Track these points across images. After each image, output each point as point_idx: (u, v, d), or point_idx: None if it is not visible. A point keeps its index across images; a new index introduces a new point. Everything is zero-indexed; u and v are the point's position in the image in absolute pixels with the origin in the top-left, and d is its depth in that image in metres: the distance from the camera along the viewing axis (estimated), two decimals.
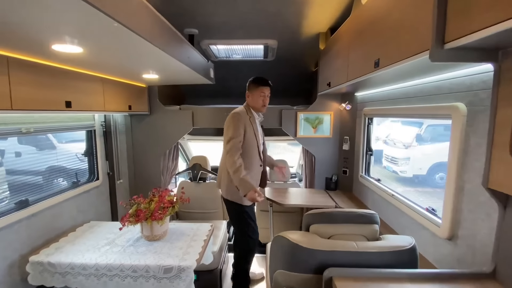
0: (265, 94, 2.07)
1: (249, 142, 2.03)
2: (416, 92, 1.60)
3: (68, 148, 2.52)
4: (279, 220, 3.07)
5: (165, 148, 2.83)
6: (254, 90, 2.07)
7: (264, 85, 2.06)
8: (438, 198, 4.83)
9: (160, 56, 1.43)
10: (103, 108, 1.99)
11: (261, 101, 2.06)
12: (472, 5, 0.76)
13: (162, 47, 1.32)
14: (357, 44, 1.62)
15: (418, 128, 5.48)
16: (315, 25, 2.47)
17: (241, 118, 1.99)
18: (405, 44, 1.09)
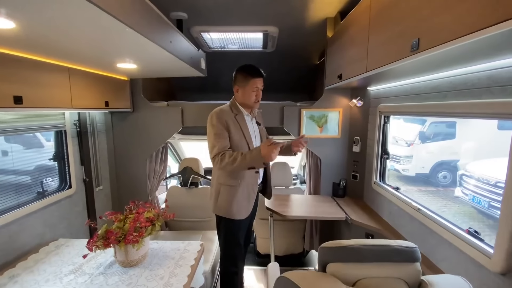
0: (259, 87, 1.70)
1: (237, 145, 1.68)
2: (455, 84, 1.28)
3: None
4: (281, 229, 2.76)
5: (151, 149, 2.49)
6: (244, 84, 1.68)
7: (257, 76, 1.68)
8: (442, 198, 4.56)
9: (130, 37, 1.09)
10: (69, 105, 1.64)
11: (254, 97, 1.70)
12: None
13: (131, 23, 0.99)
14: (382, 24, 1.29)
15: (421, 126, 5.28)
16: (322, 9, 2.13)
17: (222, 118, 1.64)
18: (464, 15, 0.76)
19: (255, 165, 1.57)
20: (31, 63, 1.39)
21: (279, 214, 2.08)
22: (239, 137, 1.68)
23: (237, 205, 1.73)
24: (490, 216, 2.94)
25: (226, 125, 1.64)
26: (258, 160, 1.52)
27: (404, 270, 0.87)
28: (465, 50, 0.91)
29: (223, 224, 1.80)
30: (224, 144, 1.63)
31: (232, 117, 1.69)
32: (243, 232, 1.85)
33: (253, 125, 1.82)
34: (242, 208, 1.75)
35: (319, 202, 2.35)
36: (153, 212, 1.51)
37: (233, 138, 1.67)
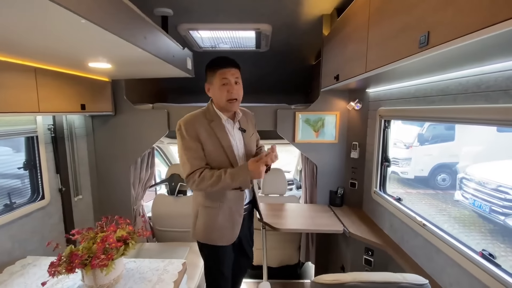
0: (230, 80, 1.33)
1: (213, 158, 1.38)
2: (467, 86, 1.12)
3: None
4: (275, 239, 2.60)
5: (135, 155, 2.33)
6: (212, 78, 1.37)
7: (225, 66, 1.33)
8: (441, 201, 4.45)
9: (91, 31, 0.93)
10: (35, 109, 1.48)
11: (225, 92, 1.33)
12: None
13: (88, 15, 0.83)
14: (384, 17, 1.13)
15: (419, 128, 5.20)
16: (317, 5, 1.98)
17: (191, 127, 1.35)
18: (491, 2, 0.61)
19: (242, 184, 1.32)
20: None
21: (272, 227, 1.92)
22: (214, 148, 1.37)
23: (218, 230, 1.45)
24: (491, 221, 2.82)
25: (197, 136, 1.34)
26: (246, 179, 1.29)
27: None
28: (484, 46, 0.75)
29: (204, 252, 1.55)
30: (198, 160, 1.36)
31: (206, 124, 1.37)
32: (229, 260, 1.56)
33: (237, 133, 1.47)
34: (225, 233, 1.47)
35: (315, 212, 2.19)
36: (127, 229, 1.34)
37: (207, 150, 1.37)
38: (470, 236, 2.60)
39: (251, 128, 1.58)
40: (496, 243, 2.52)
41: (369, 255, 1.80)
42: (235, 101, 1.37)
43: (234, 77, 1.35)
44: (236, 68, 1.37)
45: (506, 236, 2.53)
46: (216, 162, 1.39)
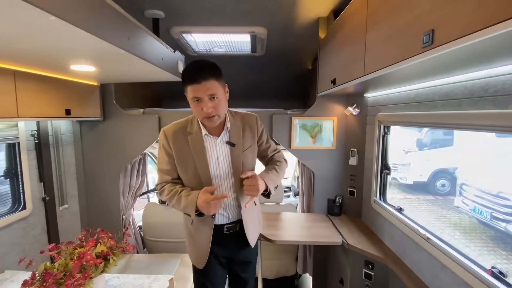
0: (201, 97, 1.11)
1: (184, 174, 1.27)
2: (473, 90, 1.05)
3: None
4: (271, 250, 2.50)
5: (125, 162, 2.23)
6: (186, 92, 1.17)
7: (194, 81, 1.09)
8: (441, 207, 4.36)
9: (65, 30, 0.86)
10: (14, 114, 1.39)
11: (199, 109, 1.13)
12: None
13: (57, 11, 0.75)
14: (383, 17, 1.06)
15: (418, 133, 5.16)
16: (313, 8, 1.93)
17: (167, 137, 1.25)
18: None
19: (189, 212, 1.20)
20: None
21: (267, 239, 1.82)
22: (186, 165, 1.24)
23: (192, 247, 1.36)
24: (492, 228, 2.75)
25: (171, 149, 1.24)
26: (191, 209, 1.16)
27: None
28: (495, 43, 0.68)
29: (193, 271, 1.45)
30: (166, 175, 1.28)
31: (184, 136, 1.24)
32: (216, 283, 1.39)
33: (220, 148, 1.27)
34: (198, 254, 1.33)
35: (313, 222, 2.09)
36: (108, 244, 1.24)
37: (180, 165, 1.26)
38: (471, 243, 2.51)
39: (248, 139, 1.32)
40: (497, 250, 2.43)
41: (369, 269, 1.70)
42: (214, 118, 1.15)
43: (208, 94, 1.10)
44: (211, 79, 1.10)
45: (507, 244, 2.46)
46: (188, 180, 1.28)
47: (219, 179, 1.27)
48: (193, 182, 1.26)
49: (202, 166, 1.24)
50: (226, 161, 1.28)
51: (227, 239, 1.34)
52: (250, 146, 1.32)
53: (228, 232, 1.34)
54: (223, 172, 1.27)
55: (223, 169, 1.27)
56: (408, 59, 0.86)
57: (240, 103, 2.55)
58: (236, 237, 1.36)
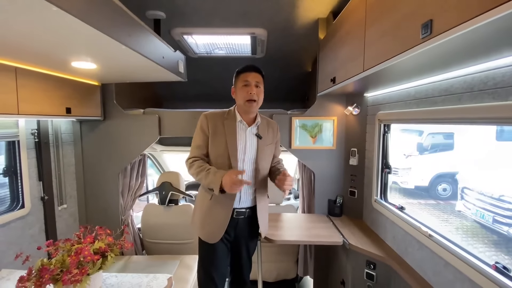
0: (250, 82, 1.44)
1: (215, 152, 1.49)
2: (473, 84, 1.05)
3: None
4: (271, 252, 2.47)
5: (124, 162, 2.23)
6: (236, 82, 1.50)
7: (248, 70, 1.46)
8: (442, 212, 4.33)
9: (68, 23, 0.86)
10: (14, 111, 1.39)
11: (245, 92, 1.43)
12: None
13: (68, 8, 0.77)
14: (382, 11, 1.07)
15: (419, 137, 5.16)
16: (312, 9, 1.95)
17: (207, 119, 1.49)
18: None
19: (213, 187, 1.37)
20: None
21: (268, 239, 1.80)
22: (219, 144, 1.46)
23: (205, 224, 1.51)
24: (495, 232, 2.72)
25: (208, 128, 1.48)
26: (216, 185, 1.34)
27: None
28: (493, 31, 0.68)
29: (199, 244, 1.58)
30: (198, 150, 1.50)
31: (221, 120, 1.49)
32: (215, 263, 1.53)
33: (248, 136, 1.51)
34: (211, 230, 1.50)
35: (313, 223, 2.07)
36: (106, 241, 1.23)
37: (212, 143, 1.48)
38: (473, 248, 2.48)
39: (270, 137, 1.59)
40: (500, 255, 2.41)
41: (371, 269, 1.67)
42: (253, 102, 1.44)
43: (255, 80, 1.45)
44: (258, 73, 1.47)
45: (510, 248, 2.43)
46: (216, 157, 1.48)
47: (243, 163, 1.48)
48: (222, 158, 1.45)
49: (232, 145, 1.45)
50: (252, 149, 1.50)
51: (238, 223, 1.53)
52: (270, 144, 1.59)
53: (237, 217, 1.52)
54: (247, 158, 1.49)
55: (248, 155, 1.49)
56: (407, 51, 0.86)
57: None
58: (249, 224, 1.57)
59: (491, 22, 0.60)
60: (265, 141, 1.54)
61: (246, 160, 1.49)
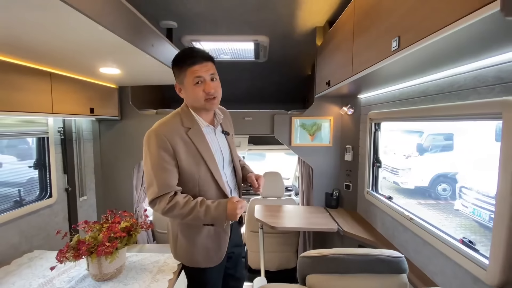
0: (204, 76, 1.10)
1: (193, 176, 1.16)
2: (443, 87, 1.24)
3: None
4: (273, 242, 2.65)
5: (138, 158, 2.43)
6: (183, 78, 1.13)
7: (196, 61, 1.09)
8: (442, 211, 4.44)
9: (106, 37, 1.07)
10: (49, 110, 1.60)
11: (201, 93, 1.11)
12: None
13: (105, 23, 0.97)
14: (365, 28, 1.27)
15: (419, 137, 5.27)
16: (310, 18, 2.15)
17: (164, 139, 1.10)
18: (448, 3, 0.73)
19: (215, 223, 1.16)
20: (8, 65, 1.36)
21: (268, 225, 1.99)
22: (194, 162, 1.14)
23: (204, 250, 1.24)
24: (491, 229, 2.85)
25: (172, 149, 1.10)
26: (221, 218, 1.12)
27: (388, 282, 0.79)
28: (447, 46, 0.87)
29: (188, 275, 1.36)
30: (167, 182, 1.10)
31: (183, 133, 1.14)
32: (219, 280, 1.35)
33: (219, 138, 1.26)
34: (212, 253, 1.25)
35: (311, 213, 2.26)
36: (130, 221, 1.43)
37: (185, 166, 1.13)
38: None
39: (231, 128, 1.37)
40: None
41: None
42: (214, 100, 1.14)
43: (209, 73, 1.11)
44: (210, 62, 1.13)
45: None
46: (195, 180, 1.17)
47: (224, 169, 1.26)
48: (203, 180, 1.17)
49: (211, 160, 1.17)
50: (225, 150, 1.28)
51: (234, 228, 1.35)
52: (234, 136, 1.40)
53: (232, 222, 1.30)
54: (225, 163, 1.27)
55: (225, 159, 1.27)
56: (383, 60, 1.06)
57: (244, 106, 2.77)
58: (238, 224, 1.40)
59: (440, 40, 0.79)
60: (231, 135, 1.34)
61: (225, 165, 1.27)
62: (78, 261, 1.32)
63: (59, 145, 2.03)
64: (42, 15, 0.86)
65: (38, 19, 0.88)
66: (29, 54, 1.31)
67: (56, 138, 2.00)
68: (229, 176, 1.30)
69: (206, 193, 1.20)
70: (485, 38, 0.77)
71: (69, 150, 2.10)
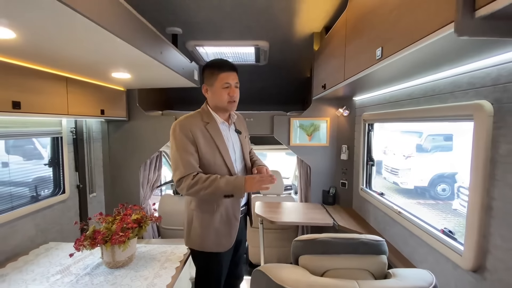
0: (231, 83, 1.35)
1: (209, 162, 1.35)
2: (426, 90, 1.36)
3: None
4: (272, 238, 2.77)
5: (145, 157, 2.56)
6: (212, 81, 1.37)
7: (227, 69, 1.36)
8: (441, 211, 4.52)
9: (121, 48, 1.19)
10: (65, 112, 1.73)
11: (226, 95, 1.35)
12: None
13: (121, 34, 1.09)
14: (356, 36, 1.39)
15: (418, 138, 5.33)
16: (308, 24, 2.27)
17: (187, 128, 1.32)
18: (417, 22, 0.86)
19: (235, 191, 1.29)
20: (29, 71, 1.49)
21: (268, 220, 2.11)
22: (211, 151, 1.35)
23: (215, 234, 1.39)
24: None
25: (193, 138, 1.32)
26: (240, 186, 1.28)
27: (370, 262, 0.91)
28: (422, 56, 1.00)
29: (198, 260, 1.47)
30: (191, 163, 1.30)
31: (202, 126, 1.36)
32: (226, 268, 1.48)
33: (232, 135, 1.47)
34: (222, 238, 1.40)
35: (309, 209, 2.38)
36: (140, 214, 1.56)
37: (203, 153, 1.33)
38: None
39: (244, 130, 1.59)
40: None
41: None
42: (234, 103, 1.40)
43: (235, 81, 1.38)
44: (235, 72, 1.41)
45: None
46: (211, 166, 1.36)
47: (236, 163, 1.44)
48: (216, 165, 1.36)
49: (223, 149, 1.37)
50: (238, 146, 1.48)
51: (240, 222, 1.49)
52: (247, 136, 1.60)
53: (241, 215, 1.49)
54: (237, 157, 1.45)
55: (237, 154, 1.46)
56: (369, 68, 1.18)
57: (245, 107, 2.89)
58: (243, 220, 1.58)
59: (415, 51, 0.91)
60: (243, 134, 1.53)
61: (237, 159, 1.45)
62: (92, 251, 1.46)
63: (71, 145, 2.16)
64: (71, 32, 0.99)
65: (68, 35, 1.02)
66: (51, 62, 1.45)
67: (68, 138, 2.13)
68: (240, 171, 1.46)
69: None
70: (452, 51, 0.89)
71: (80, 149, 2.24)
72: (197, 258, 1.48)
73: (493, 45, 0.83)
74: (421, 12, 0.83)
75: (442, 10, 0.71)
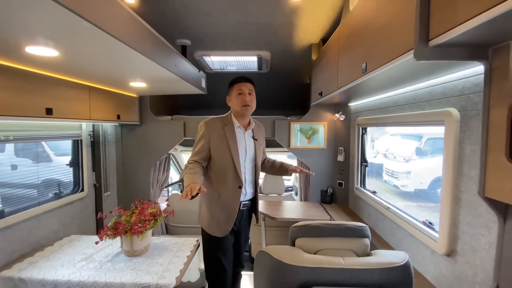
0: (244, 90, 1.63)
1: (219, 157, 1.62)
2: (408, 99, 1.55)
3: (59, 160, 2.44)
4: (274, 235, 2.93)
5: (155, 159, 2.75)
6: (231, 91, 1.69)
7: (240, 80, 1.66)
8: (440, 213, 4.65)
9: (142, 62, 1.39)
10: (88, 117, 1.94)
11: (240, 100, 1.62)
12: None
13: (142, 51, 1.29)
14: (346, 51, 1.59)
15: (418, 142, 5.45)
16: (306, 36, 2.47)
17: (208, 126, 1.63)
18: (391, 46, 1.05)
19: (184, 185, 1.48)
20: (57, 81, 1.69)
21: (270, 217, 2.29)
22: (222, 148, 1.61)
23: (214, 220, 1.64)
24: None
25: (209, 135, 1.61)
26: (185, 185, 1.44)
27: (354, 243, 1.08)
28: (399, 71, 1.18)
29: (204, 240, 1.72)
30: (197, 154, 1.61)
31: (220, 127, 1.64)
32: (225, 253, 1.68)
33: (246, 139, 1.70)
34: (220, 224, 1.64)
35: (307, 208, 2.55)
36: (155, 208, 1.74)
37: (215, 149, 1.61)
38: None
39: (261, 138, 1.83)
40: None
41: None
42: (248, 107, 1.63)
43: (248, 89, 1.65)
44: (250, 83, 1.69)
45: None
46: (220, 161, 1.62)
47: (245, 162, 1.68)
48: (225, 160, 1.61)
49: (234, 148, 1.62)
50: (251, 149, 1.71)
51: (242, 215, 1.73)
52: (262, 144, 1.84)
53: (243, 208, 1.70)
54: (247, 157, 1.70)
55: (248, 155, 1.69)
56: (356, 80, 1.37)
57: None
58: (247, 214, 1.79)
59: (391, 68, 1.10)
60: (259, 141, 1.76)
61: (247, 159, 1.68)
62: (112, 242, 1.65)
63: (89, 147, 2.36)
64: (105, 51, 1.19)
65: (102, 54, 1.22)
66: (80, 73, 1.65)
67: (87, 140, 2.33)
68: (248, 169, 1.70)
69: (227, 173, 1.63)
70: (419, 69, 1.09)
71: (97, 151, 2.43)
72: (204, 238, 1.72)
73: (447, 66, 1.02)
74: (394, 38, 1.02)
75: (406, 39, 0.90)
